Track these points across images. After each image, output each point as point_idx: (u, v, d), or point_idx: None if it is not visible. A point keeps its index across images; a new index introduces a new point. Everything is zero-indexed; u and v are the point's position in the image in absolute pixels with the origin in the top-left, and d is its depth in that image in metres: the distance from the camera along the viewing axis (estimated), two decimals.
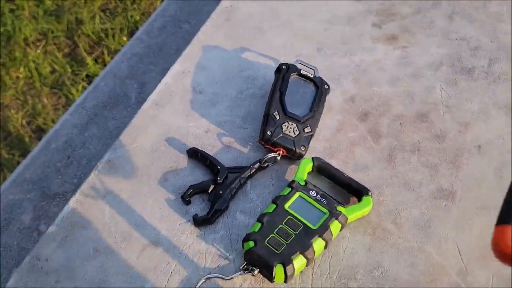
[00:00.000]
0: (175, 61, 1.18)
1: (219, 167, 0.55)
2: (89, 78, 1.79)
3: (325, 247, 0.48)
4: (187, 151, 0.58)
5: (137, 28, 1.96)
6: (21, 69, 1.79)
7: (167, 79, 0.67)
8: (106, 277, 0.48)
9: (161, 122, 0.62)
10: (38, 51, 1.85)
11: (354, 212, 0.50)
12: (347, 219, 0.49)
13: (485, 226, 0.51)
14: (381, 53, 0.69)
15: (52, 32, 1.92)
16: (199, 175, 0.56)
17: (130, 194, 0.55)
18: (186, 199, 0.53)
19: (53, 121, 1.66)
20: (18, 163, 1.56)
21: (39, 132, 1.66)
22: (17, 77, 1.78)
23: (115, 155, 0.58)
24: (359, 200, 0.52)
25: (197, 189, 0.54)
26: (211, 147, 0.59)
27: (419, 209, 0.53)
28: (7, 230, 0.87)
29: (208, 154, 0.56)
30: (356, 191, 0.52)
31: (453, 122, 0.60)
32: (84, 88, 1.75)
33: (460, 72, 0.66)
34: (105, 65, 1.83)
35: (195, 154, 0.57)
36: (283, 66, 0.60)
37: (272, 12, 0.76)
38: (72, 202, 0.54)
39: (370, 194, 0.52)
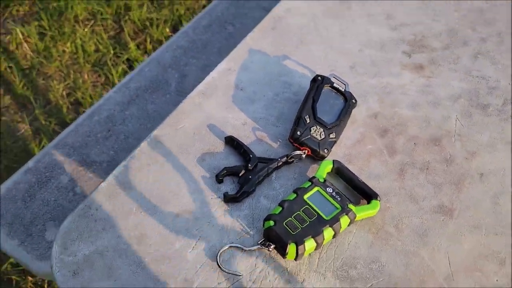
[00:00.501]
0: (216, 58, 1.27)
1: (251, 156, 0.63)
2: (129, 62, 1.90)
3: (333, 236, 0.56)
4: (225, 138, 0.66)
5: (180, 22, 2.07)
6: (68, 44, 1.91)
7: (214, 73, 0.75)
8: (144, 231, 0.57)
9: (204, 110, 0.70)
10: (85, 30, 1.97)
11: (363, 212, 0.58)
12: (355, 216, 0.57)
13: (476, 242, 0.58)
14: (406, 79, 0.76)
15: (101, 14, 2.04)
16: (232, 160, 0.64)
17: (171, 167, 0.63)
18: (219, 178, 0.61)
19: (91, 97, 1.77)
20: (54, 130, 1.68)
21: (76, 105, 1.77)
22: (63, 51, 1.90)
23: (162, 132, 0.67)
24: (368, 202, 0.59)
25: (230, 171, 0.62)
26: (245, 138, 0.67)
27: (419, 219, 0.60)
28: (46, 186, 0.97)
29: (243, 143, 0.65)
30: (367, 194, 0.60)
31: (462, 150, 0.68)
32: (124, 70, 1.86)
33: (475, 107, 0.73)
34: (146, 51, 1.94)
35: (231, 141, 0.66)
36: (319, 77, 0.69)
37: (315, 27, 0.84)
38: (122, 165, 0.62)
39: (378, 199, 0.59)
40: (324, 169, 0.61)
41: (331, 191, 0.58)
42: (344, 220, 0.56)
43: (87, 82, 1.82)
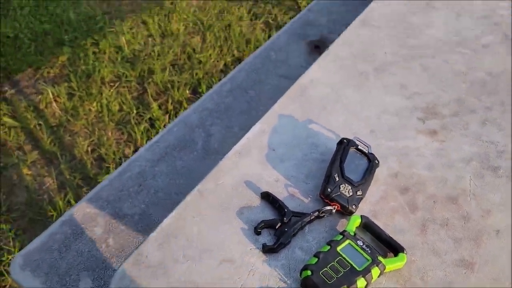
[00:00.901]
0: (238, 119, 1.37)
1: (285, 210, 0.69)
2: (151, 121, 2.02)
3: (365, 287, 0.61)
4: (261, 193, 0.73)
5: (199, 84, 2.21)
6: (94, 103, 2.04)
7: (249, 135, 0.84)
8: (191, 278, 0.62)
9: (241, 168, 0.78)
10: (111, 91, 2.11)
11: (391, 264, 0.63)
12: (385, 268, 0.62)
13: None
14: (422, 143, 0.84)
15: (126, 76, 2.19)
16: (268, 214, 0.71)
17: (213, 219, 0.69)
18: (257, 230, 0.67)
19: (114, 153, 1.86)
20: (78, 184, 1.75)
21: (100, 160, 1.86)
22: (90, 110, 2.02)
23: (204, 187, 0.74)
24: (395, 255, 0.65)
25: (267, 224, 0.68)
26: (279, 193, 0.74)
27: (443, 272, 0.65)
28: (81, 238, 1.02)
29: (278, 198, 0.71)
30: (394, 248, 0.65)
31: (478, 208, 0.74)
32: (146, 128, 1.97)
33: (487, 169, 0.80)
34: (167, 111, 2.06)
35: (267, 197, 0.72)
36: (344, 140, 0.77)
37: (338, 97, 0.93)
38: (170, 217, 0.69)
39: (405, 252, 0.65)
40: (353, 223, 0.67)
41: (361, 243, 0.64)
42: (375, 271, 0.61)
43: (110, 139, 1.92)
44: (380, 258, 0.62)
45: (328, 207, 0.69)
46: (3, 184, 1.69)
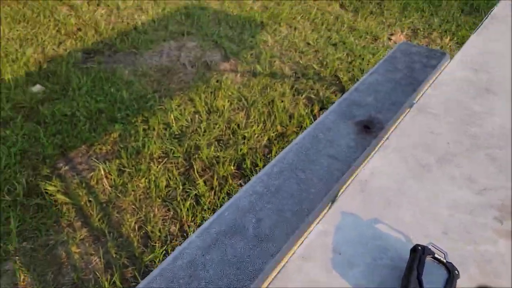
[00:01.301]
0: (288, 203, 1.33)
1: None
2: (197, 197, 2.02)
3: None
4: None
5: (244, 160, 2.22)
6: (142, 180, 2.07)
7: (312, 236, 0.80)
8: None
9: (306, 274, 0.73)
10: (159, 167, 2.15)
11: None
12: None
13: None
14: (504, 248, 0.77)
15: (173, 152, 2.24)
16: None
17: None
18: None
19: (160, 231, 1.85)
20: (123, 264, 1.73)
21: (146, 238, 1.85)
22: (138, 186, 2.05)
23: (274, 286, 0.70)
24: None
25: None
26: None
27: None
28: None
29: None
30: None
31: None
32: (191, 205, 1.96)
33: None
34: (212, 187, 2.06)
35: None
36: (419, 247, 0.71)
37: (402, 190, 0.89)
38: None
39: None
40: None
41: None
42: None
43: (157, 216, 1.92)
44: None
45: None
46: (52, 263, 1.70)
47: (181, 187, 2.05)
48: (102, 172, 2.08)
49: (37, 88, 2.57)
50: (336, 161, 1.47)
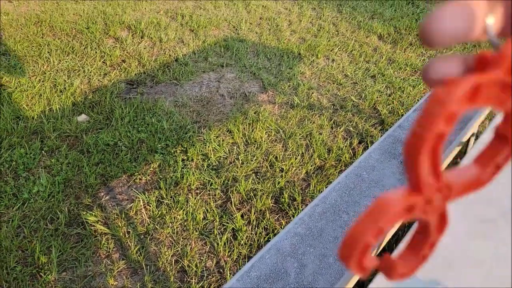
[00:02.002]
0: (333, 248, 1.28)
1: None
2: (234, 231, 1.99)
3: None
4: None
5: (281, 194, 2.19)
6: (180, 211, 2.08)
7: None
8: None
9: None
10: (196, 198, 2.15)
11: None
12: None
13: None
14: None
15: (211, 184, 2.24)
16: None
17: None
18: None
19: (196, 266, 1.83)
20: None
21: (182, 272, 1.83)
22: (175, 218, 2.05)
23: None
24: None
25: None
26: None
27: None
28: None
29: None
30: None
31: None
32: (228, 240, 1.94)
33: None
34: (249, 221, 2.04)
35: None
36: None
37: (464, 250, 0.84)
38: None
39: None
40: None
41: None
42: None
43: (193, 250, 1.91)
44: None
45: None
46: None
47: (218, 220, 2.04)
48: (141, 203, 2.10)
49: (82, 117, 2.67)
50: None
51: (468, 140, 2.06)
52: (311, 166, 2.39)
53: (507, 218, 0.88)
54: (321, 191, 2.21)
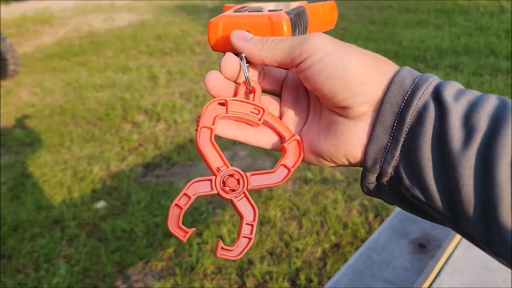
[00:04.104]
0: None
1: None
2: None
3: None
4: None
5: (297, 276, 2.16)
6: None
7: None
8: None
9: None
10: (212, 282, 2.14)
11: None
12: None
13: None
14: None
15: (226, 268, 2.23)
16: None
17: None
18: None
19: None
20: None
21: None
22: None
23: None
24: None
25: None
26: None
27: None
28: None
29: None
30: None
31: None
32: None
33: None
34: None
35: None
36: None
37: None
38: None
39: None
40: None
41: None
42: None
43: None
44: None
45: None
46: None
47: None
48: None
49: (100, 204, 2.76)
50: (392, 286, 1.40)
51: None
52: (327, 243, 2.37)
53: None
54: (338, 270, 2.17)
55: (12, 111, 4.31)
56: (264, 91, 0.45)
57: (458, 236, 1.52)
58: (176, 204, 0.39)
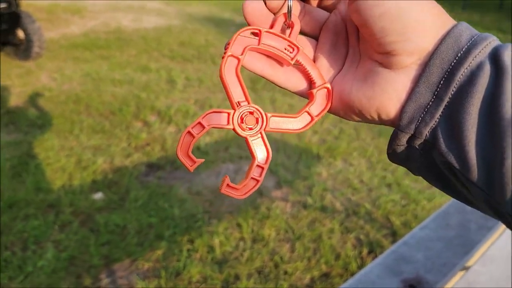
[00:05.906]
0: None
1: None
2: None
3: None
4: None
5: None
6: None
7: None
8: None
9: None
10: None
11: None
12: None
13: None
14: None
15: (212, 279, 2.20)
16: None
17: None
18: None
19: None
20: None
21: None
22: None
23: None
24: None
25: None
26: None
27: None
28: None
29: None
30: None
31: None
32: None
33: None
34: None
35: None
36: None
37: None
38: None
39: None
40: None
41: None
42: None
43: None
44: None
45: None
46: None
47: None
48: None
49: (98, 195, 2.75)
50: None
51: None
52: (317, 271, 2.33)
53: None
54: None
55: (29, 91, 4.37)
56: (302, 31, 0.40)
57: (450, 283, 1.49)
58: (189, 132, 0.37)
